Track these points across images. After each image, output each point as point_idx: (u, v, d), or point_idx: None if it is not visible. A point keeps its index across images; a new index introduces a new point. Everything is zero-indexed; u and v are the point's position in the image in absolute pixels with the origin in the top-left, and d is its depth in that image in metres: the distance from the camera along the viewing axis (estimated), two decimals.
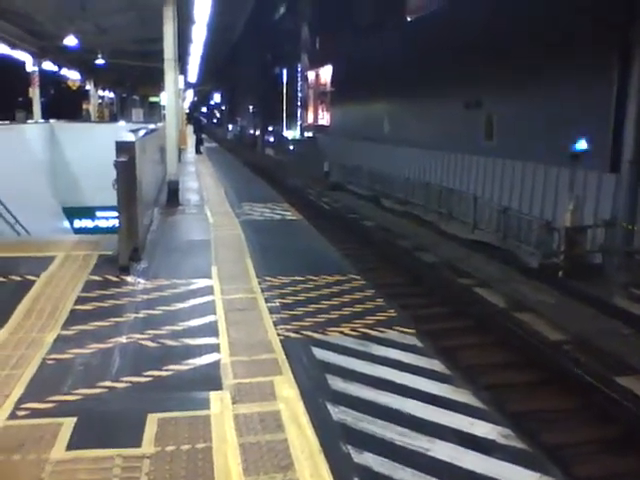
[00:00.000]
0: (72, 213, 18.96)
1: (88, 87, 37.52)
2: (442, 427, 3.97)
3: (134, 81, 42.17)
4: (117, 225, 7.54)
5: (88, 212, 19.11)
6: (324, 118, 38.73)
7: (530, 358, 8.16)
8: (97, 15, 19.39)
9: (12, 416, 3.96)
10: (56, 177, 18.68)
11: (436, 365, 4.95)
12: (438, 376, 4.74)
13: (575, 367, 7.74)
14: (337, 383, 4.53)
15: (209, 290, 6.72)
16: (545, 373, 7.75)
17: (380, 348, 5.22)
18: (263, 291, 6.73)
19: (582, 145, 12.87)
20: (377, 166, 24.45)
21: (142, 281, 7.04)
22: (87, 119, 35.89)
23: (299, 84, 44.79)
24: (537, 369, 7.87)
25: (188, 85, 46.64)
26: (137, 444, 3.66)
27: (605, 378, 7.44)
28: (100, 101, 42.74)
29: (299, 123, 45.08)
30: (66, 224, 18.80)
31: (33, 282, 6.84)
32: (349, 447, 3.69)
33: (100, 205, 17.72)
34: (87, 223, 19.33)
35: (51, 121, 21.73)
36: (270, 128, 52.62)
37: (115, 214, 7.61)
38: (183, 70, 32.83)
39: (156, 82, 27.35)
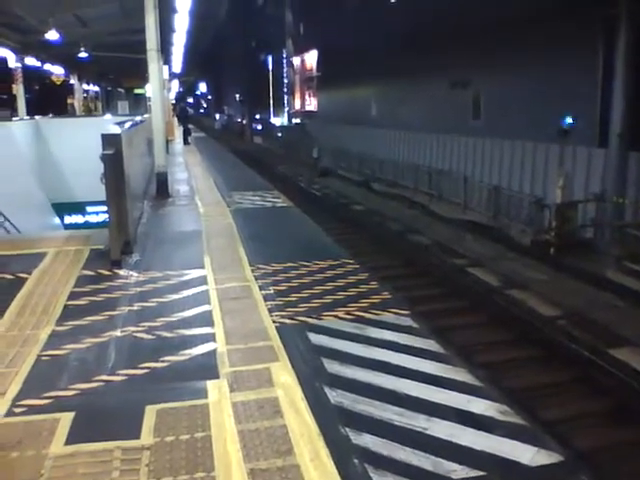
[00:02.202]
0: (62, 209, 18.83)
1: (72, 81, 37.22)
2: (439, 406, 3.99)
3: (118, 73, 41.92)
4: (107, 219, 7.50)
5: (78, 207, 18.99)
6: (311, 104, 38.56)
7: (525, 335, 8.20)
8: (78, 7, 19.21)
9: (9, 413, 3.95)
10: (44, 174, 18.52)
11: (431, 345, 4.97)
12: (434, 356, 4.75)
13: (570, 341, 7.79)
14: (334, 367, 4.54)
15: (202, 280, 6.70)
16: (541, 349, 7.79)
17: (375, 330, 5.23)
18: (257, 279, 6.73)
19: (569, 120, 12.89)
20: (366, 150, 24.38)
21: (135, 274, 7.01)
22: (73, 114, 35.61)
23: (285, 70, 44.53)
24: (532, 345, 7.92)
25: (173, 75, 46.34)
26: (136, 436, 3.66)
27: (600, 351, 7.50)
28: (85, 95, 42.40)
29: (286, 109, 44.87)
30: (56, 220, 18.68)
31: (25, 279, 6.80)
32: (348, 430, 3.70)
33: (90, 200, 17.61)
34: (77, 219, 19.20)
35: (36, 118, 21.54)
36: (258, 116, 52.36)
37: (105, 208, 7.57)
38: (167, 60, 32.60)
39: (141, 74, 27.15)
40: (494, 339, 8.24)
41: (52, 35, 20.22)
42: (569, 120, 12.93)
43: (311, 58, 37.73)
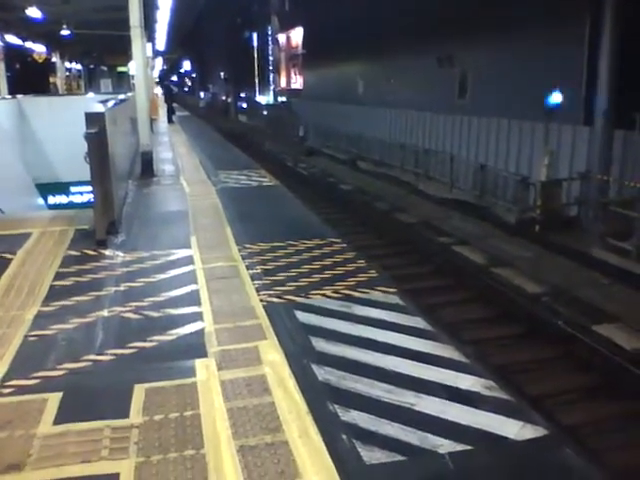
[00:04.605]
0: (46, 189, 18.64)
1: (54, 60, 36.66)
2: (427, 382, 4.03)
3: (101, 51, 41.32)
4: (92, 199, 7.45)
5: (62, 187, 18.79)
6: (297, 82, 38.28)
7: (510, 312, 8.28)
8: None
9: None
10: (27, 154, 18.28)
11: (419, 322, 5.00)
12: (421, 333, 4.79)
13: (554, 318, 7.87)
14: (321, 345, 4.56)
15: (189, 260, 6.69)
16: (526, 325, 7.87)
17: (363, 308, 5.26)
18: (244, 258, 6.72)
19: (556, 98, 12.87)
20: (352, 128, 24.28)
21: (121, 254, 6.98)
22: (55, 92, 35.11)
23: (270, 48, 44.10)
24: (518, 322, 7.99)
25: (157, 53, 45.77)
26: (125, 415, 3.67)
27: (584, 327, 7.58)
28: (67, 73, 41.79)
29: (272, 88, 44.52)
30: (40, 201, 18.49)
31: (10, 260, 6.75)
32: (336, 406, 3.73)
33: (74, 180, 17.44)
34: (61, 199, 19.01)
35: (18, 96, 21.21)
36: (243, 94, 51.92)
37: (89, 188, 7.50)
38: (151, 38, 32.14)
39: (124, 51, 26.75)
40: (480, 316, 8.31)
41: (33, 12, 19.88)
42: (555, 98, 12.92)
43: (297, 35, 37.38)
